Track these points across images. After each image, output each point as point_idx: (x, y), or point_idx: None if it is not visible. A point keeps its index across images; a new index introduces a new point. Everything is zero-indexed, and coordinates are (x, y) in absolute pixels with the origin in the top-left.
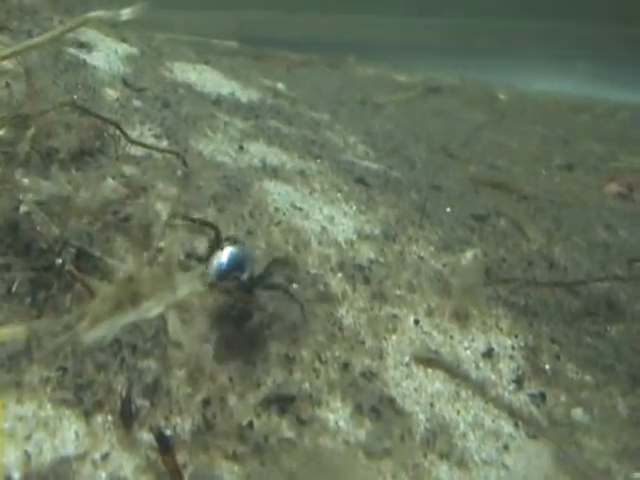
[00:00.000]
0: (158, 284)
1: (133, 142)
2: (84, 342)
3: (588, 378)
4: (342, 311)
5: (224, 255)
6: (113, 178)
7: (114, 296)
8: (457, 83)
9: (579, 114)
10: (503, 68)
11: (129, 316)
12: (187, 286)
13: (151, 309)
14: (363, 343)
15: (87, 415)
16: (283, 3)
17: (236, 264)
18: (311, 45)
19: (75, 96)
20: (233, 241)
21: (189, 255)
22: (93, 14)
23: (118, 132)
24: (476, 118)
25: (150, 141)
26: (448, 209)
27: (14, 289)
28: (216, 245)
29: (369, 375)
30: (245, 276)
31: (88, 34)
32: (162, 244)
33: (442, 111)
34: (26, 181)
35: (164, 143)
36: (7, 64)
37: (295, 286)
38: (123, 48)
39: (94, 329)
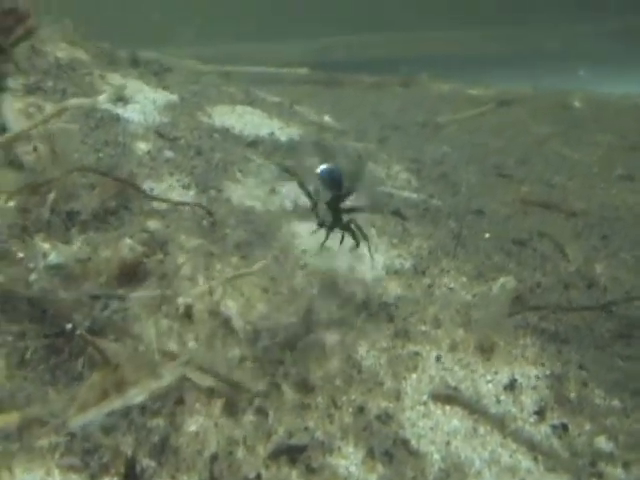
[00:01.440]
0: (142, 372)
1: (150, 198)
2: (72, 429)
3: (616, 403)
4: (362, 352)
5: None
6: (131, 237)
7: (101, 383)
8: (530, 93)
9: None
10: (580, 73)
11: (114, 403)
12: (171, 374)
13: (136, 396)
14: (382, 384)
15: (93, 479)
16: (358, 25)
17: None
18: (386, 64)
19: (101, 154)
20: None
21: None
22: (72, 102)
23: (144, 186)
24: (543, 130)
25: (178, 192)
26: (487, 235)
27: (28, 356)
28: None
29: (384, 418)
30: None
31: (128, 85)
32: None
33: (509, 125)
34: (46, 246)
35: (192, 193)
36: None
37: None
38: (162, 96)
39: (82, 415)
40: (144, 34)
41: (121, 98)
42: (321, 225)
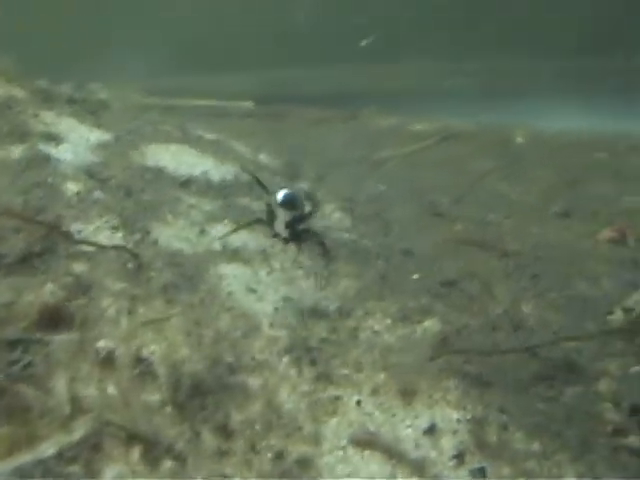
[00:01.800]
0: (55, 424)
1: (75, 242)
2: None
3: (535, 447)
4: (284, 396)
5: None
6: (55, 281)
7: (11, 436)
8: (474, 129)
9: (596, 153)
10: (523, 109)
11: (25, 457)
12: (84, 427)
13: (47, 450)
14: (301, 429)
15: None
16: (302, 58)
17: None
18: (332, 98)
19: (30, 196)
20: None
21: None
22: None
23: (71, 229)
24: (484, 166)
25: (106, 234)
26: (415, 276)
27: None
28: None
29: (303, 463)
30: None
31: (62, 124)
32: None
33: (450, 161)
34: None
35: (120, 234)
36: None
37: None
38: (96, 135)
39: None
40: (93, 67)
41: (54, 138)
42: (275, 236)
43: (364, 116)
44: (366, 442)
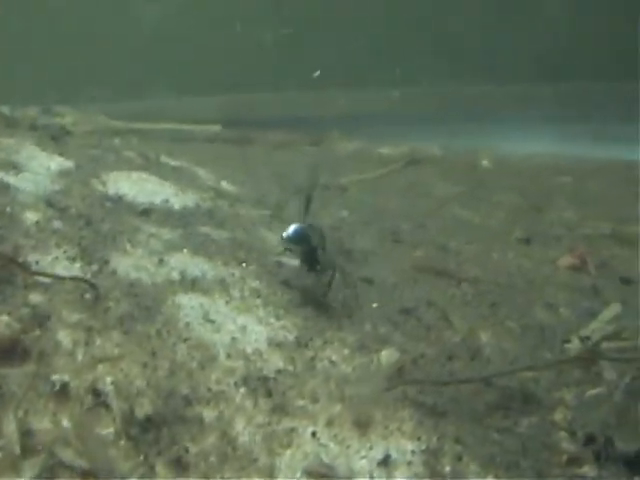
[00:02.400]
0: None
1: (31, 273)
2: None
3: (490, 478)
4: (239, 428)
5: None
6: (10, 313)
7: None
8: (440, 153)
9: (560, 177)
10: (489, 133)
11: None
12: (34, 467)
13: None
14: (256, 461)
15: None
16: (269, 83)
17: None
18: (299, 122)
19: None
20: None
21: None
22: None
23: (29, 259)
24: (448, 191)
25: (64, 264)
26: (375, 304)
27: None
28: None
29: None
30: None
31: (23, 152)
32: None
33: (413, 186)
34: None
35: (78, 265)
36: None
37: None
38: (57, 163)
39: None
40: (59, 90)
41: (14, 166)
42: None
43: (329, 140)
44: (320, 474)
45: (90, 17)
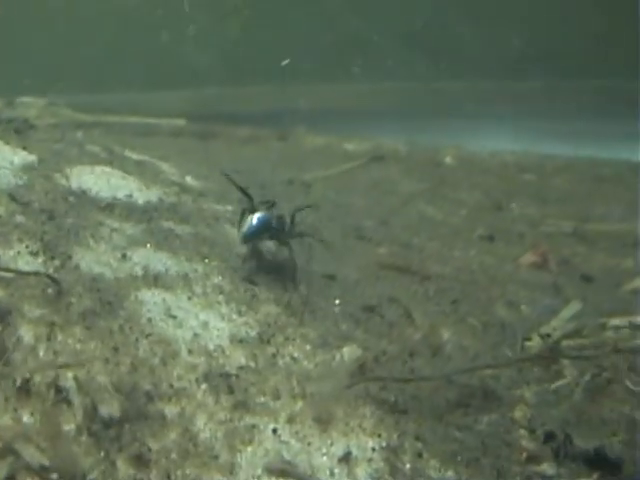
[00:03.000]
0: None
1: None
2: None
3: (450, 475)
4: (200, 424)
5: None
6: None
7: None
8: (404, 149)
9: (525, 174)
10: (453, 130)
11: None
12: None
13: None
14: (217, 458)
15: None
16: (235, 77)
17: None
18: (265, 117)
19: None
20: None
21: None
22: None
23: None
24: (412, 188)
25: (26, 259)
26: (337, 301)
27: None
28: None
29: None
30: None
31: None
32: None
33: (378, 182)
34: None
35: (40, 259)
36: None
37: None
38: (20, 157)
39: None
40: (26, 80)
41: None
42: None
43: (295, 135)
44: (281, 471)
45: (56, 8)
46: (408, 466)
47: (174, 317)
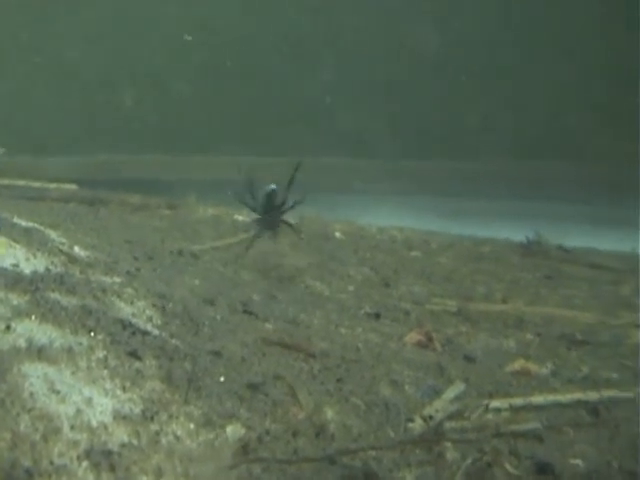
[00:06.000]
0: None
1: None
2: None
3: None
4: None
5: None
6: None
7: None
8: (294, 222)
9: (411, 251)
10: (344, 205)
11: None
12: None
13: None
14: None
15: None
16: (127, 144)
17: None
18: (156, 185)
19: None
20: None
21: None
22: None
23: None
24: (300, 262)
25: None
26: (222, 378)
27: None
28: None
29: None
30: None
31: None
32: None
33: (266, 255)
34: None
35: None
36: None
37: None
38: None
39: None
40: None
41: None
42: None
43: (186, 204)
44: None
45: None
46: None
47: (57, 392)
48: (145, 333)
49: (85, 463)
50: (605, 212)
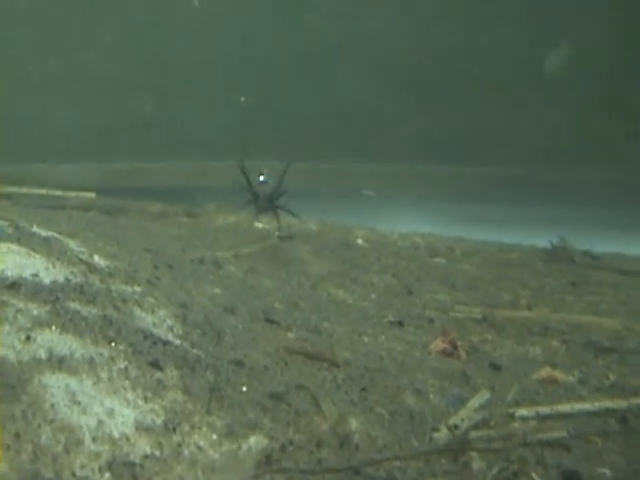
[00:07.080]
0: None
1: None
2: None
3: None
4: None
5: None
6: None
7: None
8: (315, 228)
9: (435, 258)
10: (366, 211)
11: None
12: None
13: None
14: None
15: None
16: (147, 152)
17: None
18: (177, 192)
19: None
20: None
21: None
22: None
23: None
24: (322, 270)
25: None
26: (244, 388)
27: None
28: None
29: None
30: None
31: None
32: None
33: (288, 263)
34: None
35: None
36: None
37: None
38: None
39: None
40: None
41: None
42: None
43: (205, 212)
44: None
45: None
46: None
47: (78, 403)
48: (166, 343)
49: (107, 475)
50: (633, 217)
